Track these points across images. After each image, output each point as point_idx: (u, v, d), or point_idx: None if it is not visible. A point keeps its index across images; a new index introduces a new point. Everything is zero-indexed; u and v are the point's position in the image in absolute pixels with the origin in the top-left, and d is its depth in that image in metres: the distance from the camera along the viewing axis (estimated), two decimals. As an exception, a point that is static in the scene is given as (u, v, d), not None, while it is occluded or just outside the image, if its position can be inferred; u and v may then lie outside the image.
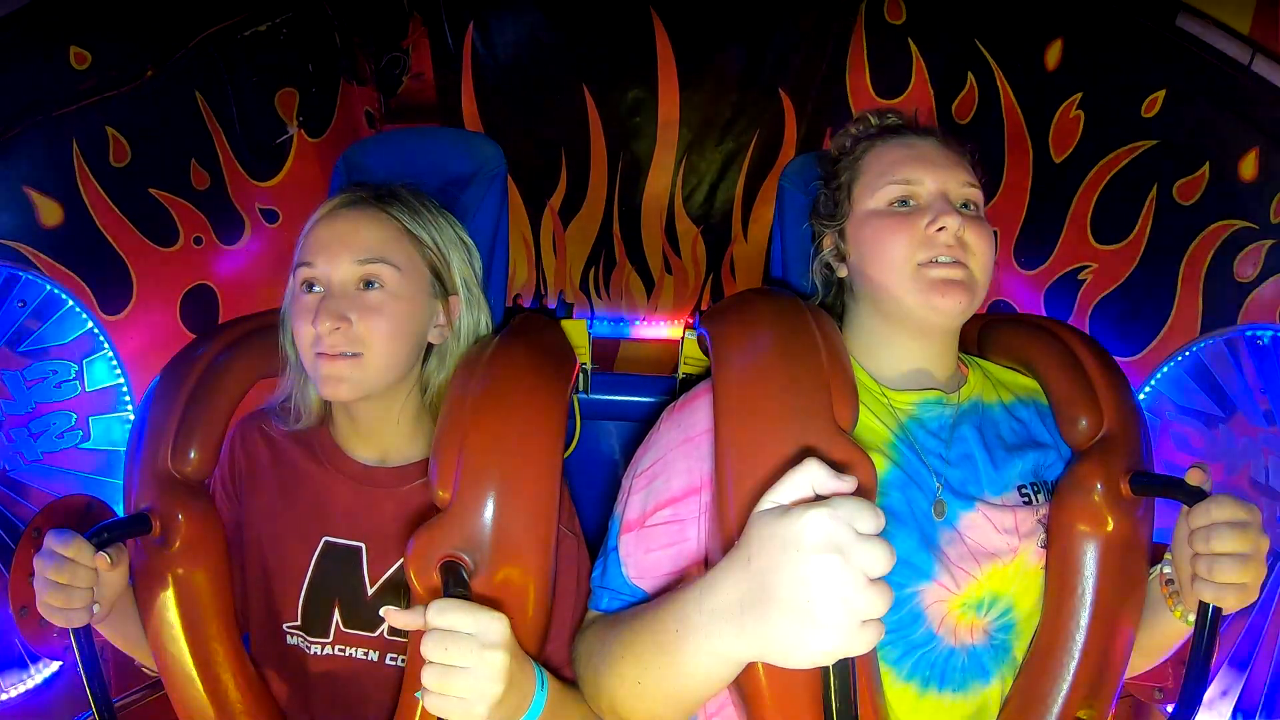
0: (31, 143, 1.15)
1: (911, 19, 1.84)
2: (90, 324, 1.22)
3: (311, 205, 0.92)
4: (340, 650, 0.91)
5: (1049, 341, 0.94)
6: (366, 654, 0.91)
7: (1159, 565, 0.84)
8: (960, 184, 0.87)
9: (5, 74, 1.10)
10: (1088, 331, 1.18)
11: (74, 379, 1.21)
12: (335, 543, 0.92)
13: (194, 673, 0.86)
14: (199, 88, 1.42)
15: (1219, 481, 1.16)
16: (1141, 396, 1.27)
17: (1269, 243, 1.12)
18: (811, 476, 0.55)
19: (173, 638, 0.86)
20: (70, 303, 1.19)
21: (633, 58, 2.05)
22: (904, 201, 0.87)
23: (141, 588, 0.88)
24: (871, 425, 0.85)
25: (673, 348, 2.12)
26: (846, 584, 0.49)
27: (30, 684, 1.13)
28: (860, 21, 1.95)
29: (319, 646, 0.92)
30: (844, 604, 0.49)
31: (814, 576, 0.50)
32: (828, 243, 0.95)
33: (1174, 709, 0.76)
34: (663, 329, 2.33)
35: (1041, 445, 0.90)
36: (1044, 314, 1.52)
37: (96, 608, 0.79)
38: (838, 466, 0.56)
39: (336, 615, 0.91)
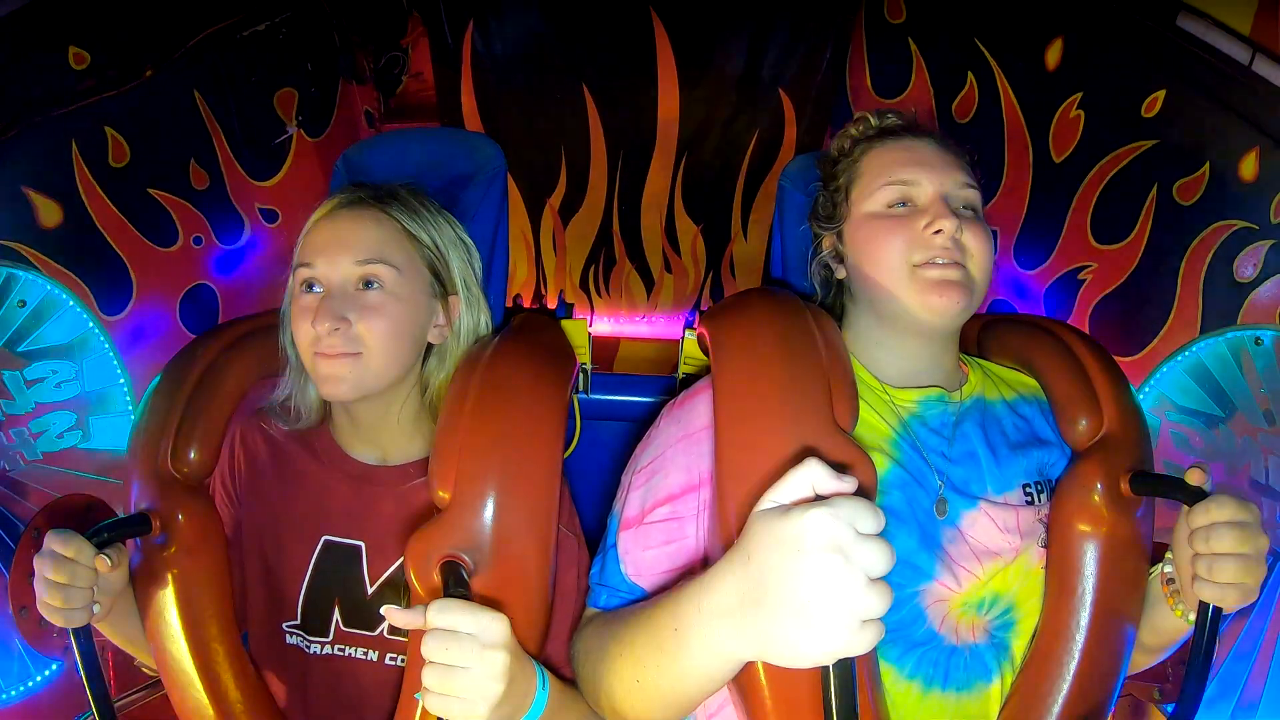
0: (30, 143, 1.15)
1: (912, 18, 1.84)
2: (90, 324, 1.22)
3: (311, 205, 0.92)
4: (340, 650, 0.91)
5: (1049, 341, 0.94)
6: (366, 653, 0.91)
7: (1159, 565, 0.84)
8: (958, 185, 0.87)
9: (4, 74, 1.10)
10: (1088, 331, 1.19)
11: (74, 379, 1.21)
12: (335, 542, 0.92)
13: (194, 673, 0.86)
14: (198, 87, 1.42)
15: (1219, 481, 1.16)
16: (1141, 396, 1.27)
17: (1269, 243, 1.12)
18: (812, 476, 0.55)
19: (173, 638, 0.86)
20: (70, 303, 1.19)
21: (632, 57, 2.05)
22: (902, 203, 0.87)
23: (141, 588, 0.88)
24: (873, 423, 0.85)
25: (673, 348, 2.12)
26: (847, 584, 0.49)
27: (30, 684, 1.13)
28: (860, 21, 1.95)
29: (318, 646, 0.92)
30: (844, 604, 0.49)
31: (814, 576, 0.50)
32: (826, 244, 0.95)
33: (1174, 709, 0.76)
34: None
35: (1045, 443, 0.90)
36: (1044, 314, 1.52)
37: (96, 608, 0.79)
38: (838, 466, 0.56)
39: (336, 614, 0.91)
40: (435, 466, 0.80)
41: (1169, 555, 0.82)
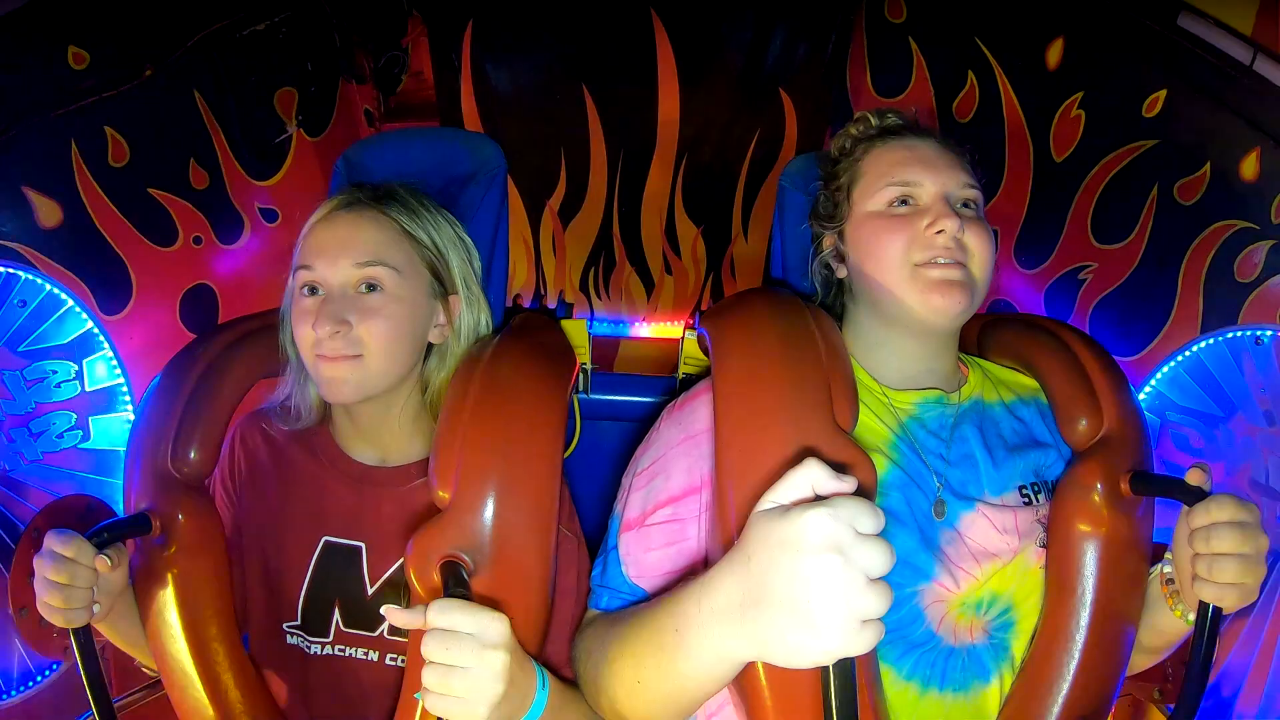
0: (30, 143, 1.15)
1: (912, 17, 1.83)
2: (90, 324, 1.22)
3: (311, 204, 0.92)
4: (340, 650, 0.91)
5: (1049, 341, 0.94)
6: (366, 654, 0.91)
7: (1159, 565, 0.84)
8: (959, 185, 0.87)
9: (4, 74, 1.10)
10: (1088, 331, 1.18)
11: (74, 379, 1.20)
12: (335, 542, 0.92)
13: (194, 673, 0.86)
14: (198, 87, 1.42)
15: (1219, 481, 1.16)
16: (1141, 396, 1.27)
17: (1270, 243, 1.12)
18: (811, 476, 0.55)
19: (173, 638, 0.86)
20: (70, 303, 1.19)
21: (633, 57, 2.05)
22: (903, 203, 0.87)
23: (141, 588, 0.88)
24: (872, 425, 0.85)
25: (673, 348, 2.12)
26: (847, 584, 0.49)
27: (30, 684, 1.13)
28: (861, 20, 1.95)
29: (319, 646, 0.92)
30: (844, 604, 0.49)
31: (814, 576, 0.50)
32: (827, 243, 0.95)
33: (1174, 709, 0.76)
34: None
35: (1042, 445, 0.90)
36: (1044, 314, 1.52)
37: (96, 608, 0.79)
38: (838, 466, 0.56)
39: (336, 615, 0.91)
40: (435, 466, 0.80)
41: (1169, 555, 0.82)
